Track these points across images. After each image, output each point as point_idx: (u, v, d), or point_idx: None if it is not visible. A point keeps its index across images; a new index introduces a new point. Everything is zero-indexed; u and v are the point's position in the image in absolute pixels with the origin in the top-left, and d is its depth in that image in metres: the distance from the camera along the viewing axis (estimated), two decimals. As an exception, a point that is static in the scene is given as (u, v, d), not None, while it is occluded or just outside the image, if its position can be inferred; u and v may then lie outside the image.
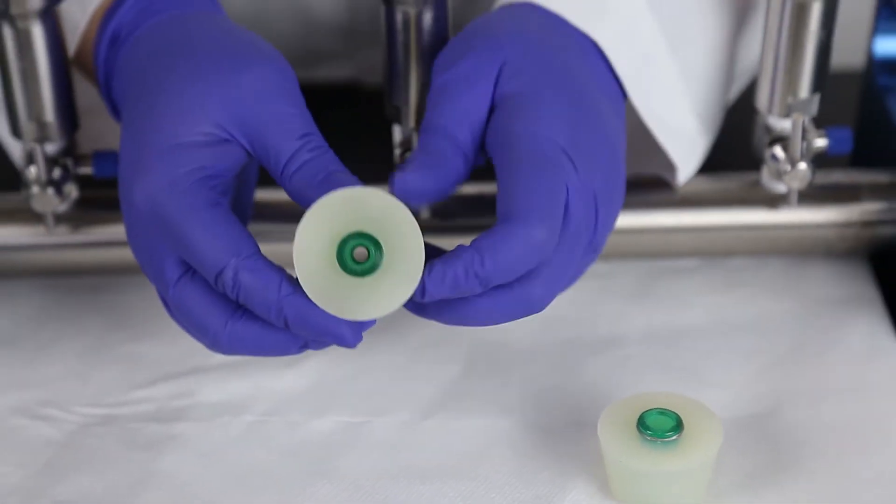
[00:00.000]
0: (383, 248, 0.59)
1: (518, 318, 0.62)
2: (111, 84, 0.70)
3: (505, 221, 0.59)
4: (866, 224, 0.75)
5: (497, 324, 0.62)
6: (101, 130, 0.74)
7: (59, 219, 0.74)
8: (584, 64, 0.67)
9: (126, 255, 0.69)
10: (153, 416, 0.70)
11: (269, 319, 0.59)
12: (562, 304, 0.69)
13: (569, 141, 0.63)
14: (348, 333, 0.60)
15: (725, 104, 0.79)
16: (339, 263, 0.59)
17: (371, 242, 0.59)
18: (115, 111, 0.70)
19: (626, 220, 0.73)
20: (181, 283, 0.61)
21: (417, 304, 0.61)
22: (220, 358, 0.72)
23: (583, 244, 0.64)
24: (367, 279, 0.59)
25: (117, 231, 0.73)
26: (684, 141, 0.76)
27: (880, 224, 0.75)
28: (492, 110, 0.63)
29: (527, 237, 0.60)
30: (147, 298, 0.73)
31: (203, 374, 0.72)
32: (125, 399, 0.71)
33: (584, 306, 0.75)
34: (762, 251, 0.77)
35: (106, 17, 0.69)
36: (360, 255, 0.59)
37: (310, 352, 0.68)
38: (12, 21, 0.68)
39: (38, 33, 0.69)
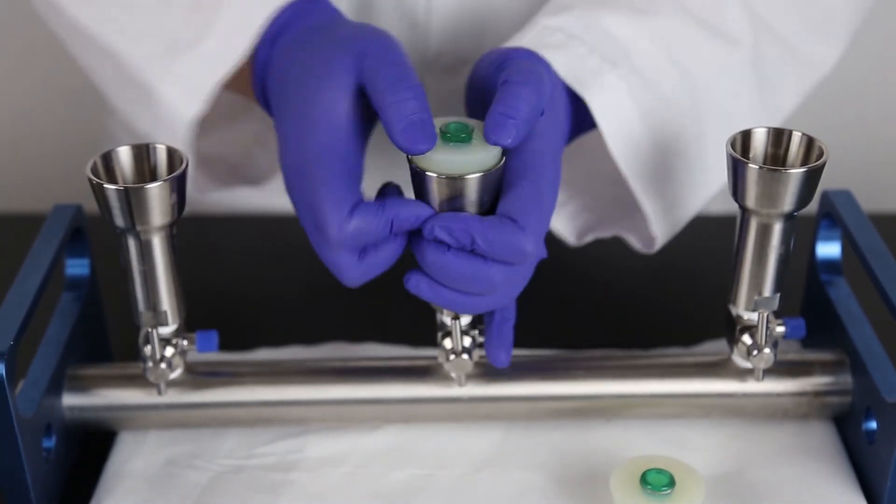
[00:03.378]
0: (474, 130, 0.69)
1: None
2: (267, 83, 0.75)
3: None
4: (817, 394, 0.78)
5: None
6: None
7: (170, 384, 0.77)
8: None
9: (221, 413, 0.77)
10: (273, 466, 0.77)
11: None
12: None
13: None
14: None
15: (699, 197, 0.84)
16: (441, 134, 0.68)
17: (466, 126, 0.69)
18: (268, 105, 0.76)
19: (628, 387, 0.78)
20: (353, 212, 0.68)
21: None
22: (323, 425, 0.80)
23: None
24: (462, 146, 0.68)
25: (217, 393, 0.78)
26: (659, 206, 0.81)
27: (828, 394, 0.78)
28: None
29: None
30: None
31: (311, 434, 0.79)
32: (252, 453, 0.78)
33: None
34: (732, 415, 0.80)
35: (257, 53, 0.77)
36: (456, 129, 0.69)
37: (389, 419, 0.78)
38: (137, 234, 0.72)
39: (157, 242, 0.72)
